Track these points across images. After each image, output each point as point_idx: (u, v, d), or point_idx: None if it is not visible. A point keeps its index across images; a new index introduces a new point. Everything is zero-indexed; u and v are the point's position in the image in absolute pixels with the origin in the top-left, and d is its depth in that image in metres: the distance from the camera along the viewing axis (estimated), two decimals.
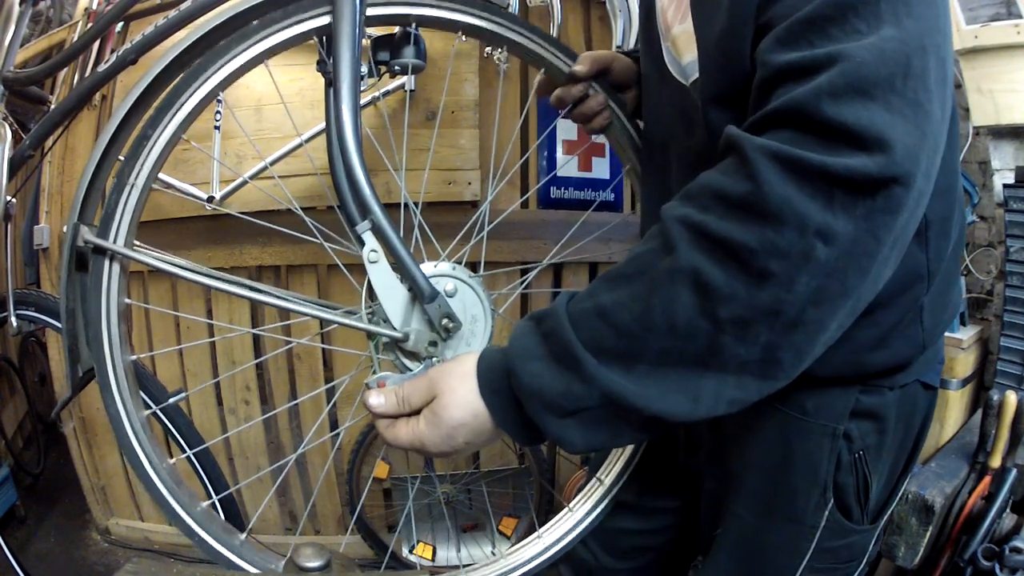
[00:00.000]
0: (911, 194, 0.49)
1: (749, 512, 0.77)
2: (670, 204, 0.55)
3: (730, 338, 0.51)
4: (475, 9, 0.77)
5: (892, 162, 0.47)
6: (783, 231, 0.48)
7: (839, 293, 0.50)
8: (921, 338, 0.71)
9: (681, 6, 0.73)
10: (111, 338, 0.70)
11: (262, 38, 0.70)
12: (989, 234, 1.81)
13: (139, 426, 0.71)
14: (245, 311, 2.00)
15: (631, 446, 0.90)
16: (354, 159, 0.68)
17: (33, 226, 2.00)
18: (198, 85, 0.69)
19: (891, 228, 0.49)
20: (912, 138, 0.48)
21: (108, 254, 0.69)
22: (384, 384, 0.69)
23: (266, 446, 2.11)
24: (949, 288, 0.73)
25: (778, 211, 0.48)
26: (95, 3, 1.71)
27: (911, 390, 0.74)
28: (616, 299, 0.55)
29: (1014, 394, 1.37)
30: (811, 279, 0.49)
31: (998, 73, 1.61)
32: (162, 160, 0.71)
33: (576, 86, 0.84)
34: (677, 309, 0.51)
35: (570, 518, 0.87)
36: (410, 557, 2.03)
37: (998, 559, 1.25)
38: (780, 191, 0.48)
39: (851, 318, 0.54)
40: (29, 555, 2.01)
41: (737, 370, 0.53)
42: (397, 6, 0.75)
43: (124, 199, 0.69)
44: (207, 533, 0.72)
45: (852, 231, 0.48)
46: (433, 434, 0.62)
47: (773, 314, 0.50)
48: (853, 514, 0.75)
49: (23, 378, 2.50)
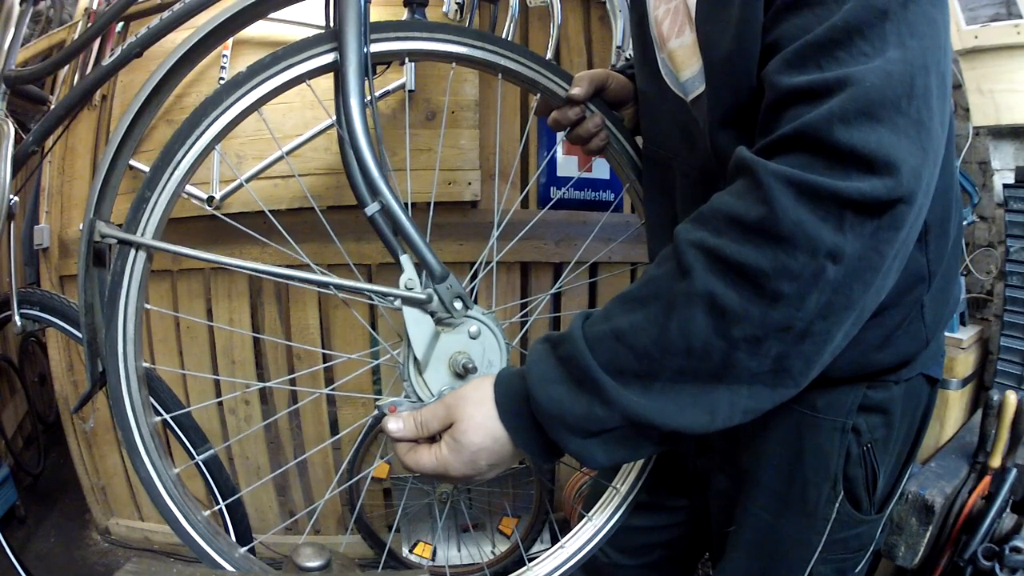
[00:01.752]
0: (913, 210, 0.51)
1: (763, 508, 0.78)
2: (683, 227, 0.57)
3: (743, 354, 0.53)
4: (467, 39, 0.77)
5: (899, 183, 0.49)
6: (796, 254, 0.50)
7: (845, 306, 0.53)
8: (924, 334, 0.73)
9: (677, 20, 0.73)
10: (126, 337, 0.70)
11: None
12: (989, 234, 1.81)
13: (148, 433, 0.72)
14: (245, 311, 2.00)
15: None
16: (361, 142, 0.70)
17: (33, 226, 2.00)
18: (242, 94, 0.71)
19: (894, 243, 0.52)
20: (916, 158, 0.50)
21: (134, 246, 0.70)
22: (395, 409, 0.70)
23: (266, 446, 2.11)
24: (949, 284, 0.75)
25: (791, 235, 0.50)
26: (95, 3, 1.71)
27: (915, 383, 0.76)
28: (632, 322, 0.57)
29: (1014, 394, 1.37)
30: (820, 296, 0.51)
31: (998, 73, 1.61)
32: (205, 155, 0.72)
33: (573, 108, 0.85)
34: (693, 331, 0.53)
35: (590, 527, 0.88)
36: (410, 557, 2.03)
37: (998, 559, 1.25)
38: (793, 216, 0.50)
39: (857, 327, 0.56)
40: (29, 555, 2.01)
41: (750, 381, 0.55)
42: (390, 42, 0.75)
43: (157, 195, 0.70)
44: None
45: (859, 249, 0.50)
46: (456, 460, 0.63)
47: (784, 330, 0.53)
48: (862, 505, 0.77)
49: (23, 378, 2.50)
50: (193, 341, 2.03)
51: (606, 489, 0.91)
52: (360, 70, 0.70)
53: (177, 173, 0.70)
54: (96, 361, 0.73)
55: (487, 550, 2.07)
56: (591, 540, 0.87)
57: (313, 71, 0.72)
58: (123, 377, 0.70)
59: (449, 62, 0.79)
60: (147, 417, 0.72)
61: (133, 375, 0.71)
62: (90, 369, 0.75)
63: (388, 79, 1.80)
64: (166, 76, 0.71)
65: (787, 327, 0.52)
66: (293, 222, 1.99)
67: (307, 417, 2.08)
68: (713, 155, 0.66)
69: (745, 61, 0.59)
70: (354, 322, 1.95)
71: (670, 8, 0.75)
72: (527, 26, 2.00)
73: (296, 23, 1.73)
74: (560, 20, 1.75)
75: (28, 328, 1.39)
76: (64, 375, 2.03)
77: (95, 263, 0.73)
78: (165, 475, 0.72)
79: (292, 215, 1.80)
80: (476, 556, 2.04)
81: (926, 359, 0.76)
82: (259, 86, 0.71)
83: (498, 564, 2.02)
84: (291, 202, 1.84)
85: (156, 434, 0.73)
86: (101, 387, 0.74)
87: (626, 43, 1.73)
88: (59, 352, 2.01)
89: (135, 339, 0.70)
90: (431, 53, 0.77)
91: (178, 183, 0.71)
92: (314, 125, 1.79)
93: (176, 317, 2.02)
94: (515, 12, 1.70)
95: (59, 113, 1.24)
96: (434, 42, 0.77)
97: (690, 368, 0.55)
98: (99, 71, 1.12)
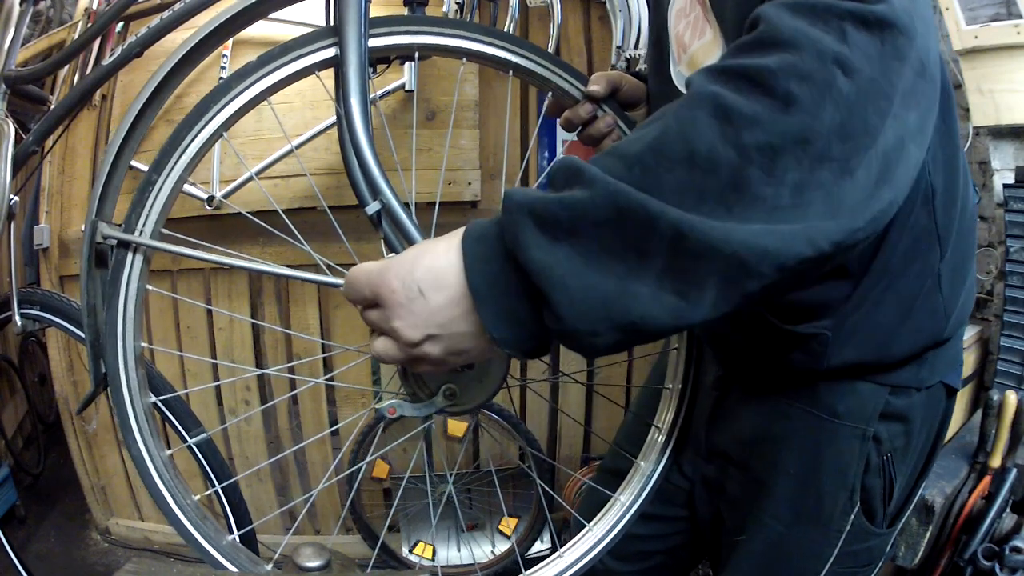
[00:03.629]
0: (913, 47, 0.49)
1: (776, 518, 0.77)
2: None
3: (757, 171, 0.45)
4: (477, 34, 0.76)
5: (891, 9, 0.48)
6: (802, 55, 0.46)
7: (863, 131, 0.47)
8: (943, 306, 0.71)
9: (697, 26, 0.73)
10: (125, 333, 0.71)
11: None
12: (989, 234, 1.81)
13: (142, 412, 0.72)
14: (245, 311, 2.00)
15: (653, 465, 0.87)
16: (362, 141, 0.70)
17: (33, 226, 2.00)
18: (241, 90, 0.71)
19: (902, 75, 0.48)
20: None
21: (132, 247, 0.70)
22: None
23: (266, 446, 2.11)
24: (965, 261, 0.74)
25: (791, 39, 0.47)
26: (95, 3, 1.71)
27: (935, 392, 0.75)
28: (627, 138, 0.50)
29: (1014, 394, 1.37)
30: (836, 111, 0.46)
31: (998, 73, 1.61)
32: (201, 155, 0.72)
33: (585, 107, 0.83)
34: (696, 135, 0.46)
35: (591, 537, 0.86)
36: (410, 557, 2.03)
37: (998, 559, 1.25)
38: (791, 23, 0.48)
39: (875, 177, 0.48)
40: (29, 555, 2.01)
41: (766, 218, 0.45)
42: (398, 36, 0.75)
43: (155, 195, 0.70)
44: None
45: (868, 71, 0.47)
46: (397, 305, 0.53)
47: (802, 143, 0.46)
48: (876, 517, 0.75)
49: (23, 378, 2.50)
50: (193, 341, 2.03)
51: (602, 497, 0.89)
52: (361, 68, 0.70)
53: (185, 157, 0.70)
54: (99, 363, 0.73)
55: (487, 550, 2.07)
56: (591, 550, 0.86)
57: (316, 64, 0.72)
58: (120, 356, 0.71)
59: (459, 58, 0.78)
60: (142, 397, 0.72)
61: (131, 355, 0.71)
62: (93, 370, 0.75)
63: (388, 79, 1.80)
64: (167, 76, 0.72)
65: (804, 139, 0.45)
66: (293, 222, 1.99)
67: (307, 417, 2.08)
68: None
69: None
70: (355, 321, 1.95)
71: (690, 21, 0.75)
72: (527, 26, 2.00)
73: (296, 23, 1.73)
74: (560, 20, 1.75)
75: (28, 328, 1.39)
76: (64, 375, 2.03)
77: (97, 264, 0.73)
78: (156, 455, 0.72)
79: (292, 215, 1.79)
80: (476, 556, 2.04)
81: (945, 364, 0.74)
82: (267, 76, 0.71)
83: (494, 566, 2.02)
84: (292, 202, 1.85)
85: (151, 415, 0.73)
86: (104, 388, 0.74)
87: (626, 43, 1.73)
88: (59, 352, 2.01)
89: (135, 320, 0.71)
90: (441, 48, 0.76)
91: (186, 166, 0.71)
92: (314, 125, 1.79)
93: (176, 318, 2.02)
94: (515, 12, 1.70)
95: (59, 113, 1.24)
96: (444, 37, 0.76)
97: (693, 185, 0.45)
98: (99, 71, 1.12)
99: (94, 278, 0.73)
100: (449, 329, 0.53)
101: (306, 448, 2.10)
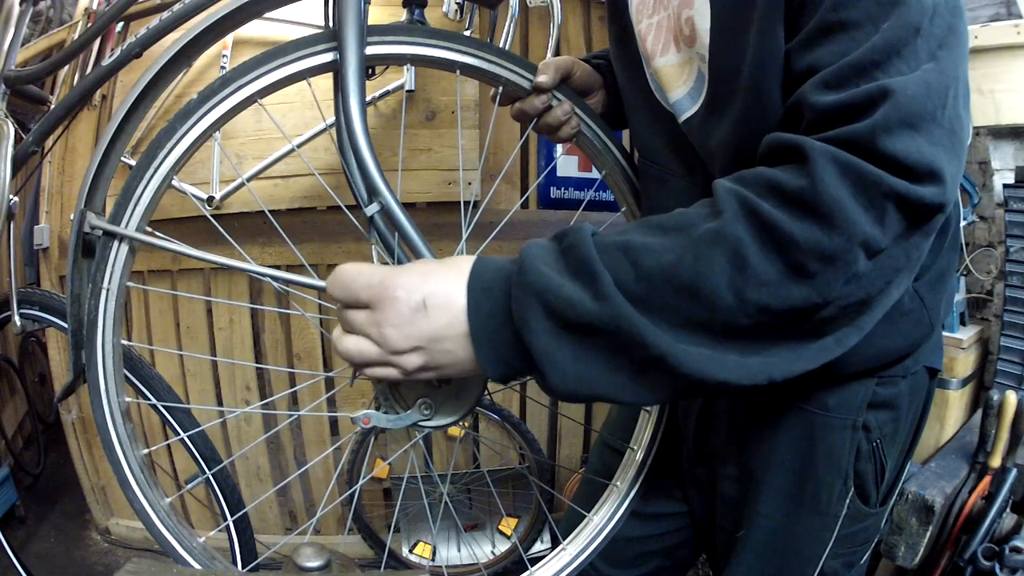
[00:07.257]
0: (943, 219, 0.51)
1: (775, 510, 0.78)
2: (723, 180, 0.54)
3: (747, 322, 0.50)
4: (419, 38, 0.74)
5: (944, 192, 0.49)
6: (832, 236, 0.48)
7: (862, 299, 0.51)
8: (927, 317, 0.73)
9: (660, 36, 0.72)
10: (105, 323, 0.71)
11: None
12: (989, 234, 1.80)
13: (120, 420, 0.72)
14: (245, 311, 2.00)
15: (641, 456, 0.89)
16: (361, 142, 0.70)
17: (33, 226, 2.00)
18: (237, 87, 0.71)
19: (922, 248, 0.51)
20: (953, 167, 0.50)
21: (118, 238, 0.70)
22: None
23: (266, 446, 2.11)
24: (949, 268, 0.75)
25: (829, 212, 0.48)
26: (95, 3, 1.71)
27: (919, 376, 0.77)
28: (646, 243, 0.52)
29: (1014, 394, 1.37)
30: (845, 286, 0.50)
31: (998, 73, 1.61)
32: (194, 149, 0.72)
33: (539, 97, 0.81)
34: (707, 275, 0.50)
35: (591, 527, 0.87)
36: (410, 557, 2.03)
37: (998, 559, 1.25)
38: (834, 192, 0.48)
39: (848, 324, 0.53)
40: (29, 555, 2.01)
41: (740, 351, 0.51)
42: (391, 45, 0.74)
43: (142, 188, 0.70)
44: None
45: (892, 251, 0.50)
46: (395, 313, 0.54)
47: (798, 313, 0.50)
48: (870, 499, 0.78)
49: (23, 378, 2.50)
50: (193, 341, 2.03)
51: (599, 487, 0.90)
52: (359, 71, 0.70)
53: (174, 153, 0.70)
54: (80, 352, 0.73)
55: (487, 550, 2.07)
56: (594, 540, 0.86)
57: (314, 68, 0.72)
58: (99, 348, 0.70)
59: (403, 64, 0.78)
60: (119, 397, 0.72)
61: (110, 352, 0.71)
62: (73, 359, 0.75)
63: (388, 79, 1.80)
64: (162, 71, 0.72)
65: (802, 310, 0.50)
66: (292, 222, 2.00)
67: (307, 417, 2.08)
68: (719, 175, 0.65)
69: (766, 89, 0.59)
70: None
71: (652, 23, 0.74)
72: (527, 26, 2.00)
73: (295, 23, 1.73)
74: (560, 20, 1.74)
75: (28, 328, 1.39)
76: (64, 375, 2.03)
77: (84, 254, 0.73)
78: (132, 455, 0.72)
79: (292, 215, 1.81)
80: (476, 556, 2.04)
81: (928, 351, 0.76)
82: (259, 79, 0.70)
83: (497, 564, 2.02)
84: (291, 202, 1.84)
85: (128, 417, 0.73)
86: (84, 381, 0.73)
87: None
88: (59, 352, 2.01)
89: (116, 313, 0.71)
90: (388, 57, 0.75)
91: (174, 162, 0.70)
92: (314, 125, 1.79)
93: (176, 317, 2.02)
94: (515, 12, 1.69)
95: (59, 113, 1.23)
96: (388, 45, 0.74)
97: (690, 317, 0.50)
98: (99, 71, 1.12)
99: (80, 268, 0.73)
100: (439, 346, 0.56)
101: (306, 449, 2.10)
